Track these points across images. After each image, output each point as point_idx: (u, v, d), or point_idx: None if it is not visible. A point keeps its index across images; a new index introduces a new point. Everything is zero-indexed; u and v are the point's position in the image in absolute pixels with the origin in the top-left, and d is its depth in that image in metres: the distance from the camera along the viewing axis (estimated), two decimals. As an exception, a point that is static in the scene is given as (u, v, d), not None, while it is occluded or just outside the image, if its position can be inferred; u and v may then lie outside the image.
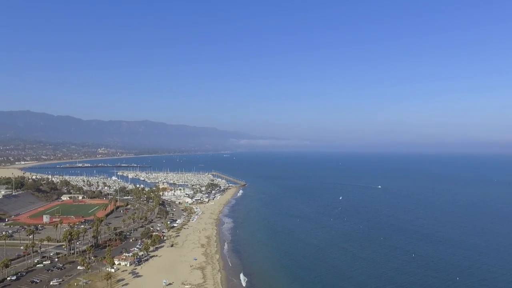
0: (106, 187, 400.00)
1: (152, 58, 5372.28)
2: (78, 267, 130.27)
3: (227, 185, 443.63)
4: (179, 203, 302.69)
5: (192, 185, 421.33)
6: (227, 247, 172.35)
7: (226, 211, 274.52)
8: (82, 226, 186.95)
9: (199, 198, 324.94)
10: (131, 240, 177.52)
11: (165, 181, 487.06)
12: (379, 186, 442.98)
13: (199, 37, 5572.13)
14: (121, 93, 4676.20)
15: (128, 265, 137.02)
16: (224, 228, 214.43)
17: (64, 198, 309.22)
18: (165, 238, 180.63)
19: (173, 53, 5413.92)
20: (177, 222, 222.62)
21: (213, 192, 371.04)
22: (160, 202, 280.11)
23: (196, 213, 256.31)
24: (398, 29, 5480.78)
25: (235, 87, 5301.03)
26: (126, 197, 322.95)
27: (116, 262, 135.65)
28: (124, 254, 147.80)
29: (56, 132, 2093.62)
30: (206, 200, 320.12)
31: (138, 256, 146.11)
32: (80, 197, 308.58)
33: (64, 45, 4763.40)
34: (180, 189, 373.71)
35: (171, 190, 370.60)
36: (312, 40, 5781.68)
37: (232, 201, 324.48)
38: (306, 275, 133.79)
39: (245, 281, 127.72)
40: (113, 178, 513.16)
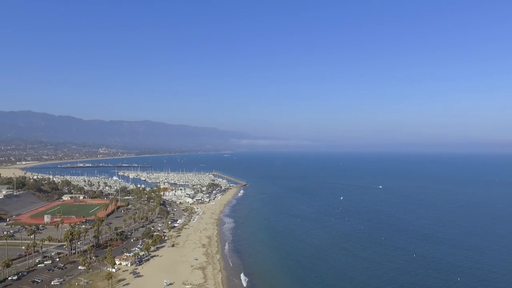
0: (107, 187, 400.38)
1: (153, 58, 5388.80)
2: (79, 267, 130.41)
3: (228, 185, 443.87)
4: (180, 203, 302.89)
5: (193, 185, 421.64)
6: (228, 247, 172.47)
7: (227, 211, 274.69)
8: (83, 226, 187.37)
9: (200, 198, 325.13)
10: (132, 240, 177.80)
11: (166, 181, 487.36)
12: (380, 186, 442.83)
13: (200, 37, 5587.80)
14: (122, 93, 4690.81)
15: (129, 265, 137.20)
16: (225, 228, 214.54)
17: (65, 198, 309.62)
18: (166, 238, 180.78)
19: (174, 53, 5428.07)
20: (178, 222, 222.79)
21: (214, 192, 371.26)
22: (161, 202, 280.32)
23: (197, 213, 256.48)
24: (398, 29, 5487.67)
25: (235, 87, 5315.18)
26: (127, 197, 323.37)
27: (117, 262, 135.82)
28: (125, 254, 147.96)
29: (57, 132, 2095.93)
30: (207, 200, 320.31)
31: (139, 256, 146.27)
32: (81, 197, 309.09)
33: (65, 45, 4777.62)
34: (181, 189, 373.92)
35: (172, 190, 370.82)
36: (312, 40, 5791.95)
37: (233, 201, 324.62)
38: (307, 275, 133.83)
39: (246, 281, 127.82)
40: (114, 178, 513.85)
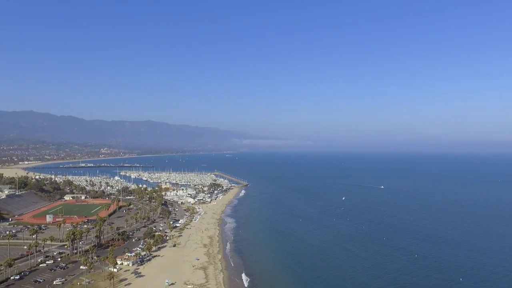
0: (108, 187, 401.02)
1: (154, 58, 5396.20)
2: (81, 267, 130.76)
3: (229, 185, 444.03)
4: (181, 203, 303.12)
5: (195, 185, 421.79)
6: (229, 247, 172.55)
7: (228, 211, 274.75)
8: (85, 226, 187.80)
9: (201, 198, 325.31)
10: (133, 240, 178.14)
11: (167, 181, 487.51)
12: (381, 186, 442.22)
13: (200, 37, 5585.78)
14: (123, 93, 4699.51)
15: (131, 265, 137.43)
16: (227, 228, 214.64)
17: (67, 198, 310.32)
18: (167, 238, 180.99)
19: (175, 53, 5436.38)
20: (179, 222, 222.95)
21: (215, 192, 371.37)
22: (163, 202, 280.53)
23: (199, 213, 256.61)
24: (398, 29, 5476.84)
25: (236, 87, 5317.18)
26: (128, 197, 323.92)
27: (119, 262, 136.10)
28: (126, 254, 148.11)
29: (59, 132, 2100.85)
30: (209, 200, 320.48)
31: (140, 256, 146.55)
32: (83, 197, 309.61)
33: (67, 46, 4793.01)
34: (182, 189, 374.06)
35: (173, 190, 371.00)
36: (312, 40, 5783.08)
37: (234, 201, 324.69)
38: (308, 275, 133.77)
39: (247, 281, 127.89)
40: (116, 178, 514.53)
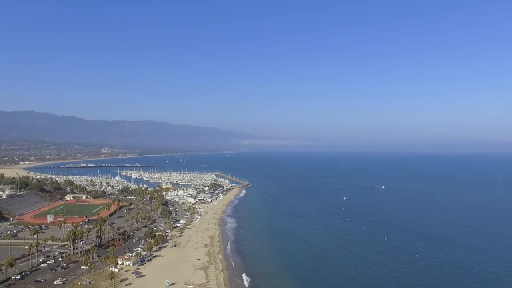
0: (109, 187, 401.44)
1: (155, 58, 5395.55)
2: (81, 267, 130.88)
3: (230, 185, 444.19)
4: (182, 203, 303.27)
5: (195, 185, 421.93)
6: (230, 247, 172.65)
7: (229, 211, 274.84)
8: (86, 226, 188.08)
9: (202, 198, 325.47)
10: (134, 240, 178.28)
11: (168, 181, 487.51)
12: (382, 187, 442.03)
13: (200, 37, 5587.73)
14: (124, 94, 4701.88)
15: (131, 265, 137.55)
16: (227, 228, 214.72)
17: (68, 198, 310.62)
18: (168, 238, 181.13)
19: (175, 53, 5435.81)
20: (180, 222, 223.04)
21: (216, 192, 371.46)
22: (163, 202, 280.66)
23: (199, 213, 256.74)
24: (398, 29, 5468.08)
25: (236, 87, 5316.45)
26: (129, 197, 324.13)
27: (120, 262, 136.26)
28: (127, 254, 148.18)
29: (60, 132, 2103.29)
30: (209, 200, 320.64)
31: (141, 256, 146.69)
32: (84, 197, 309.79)
33: (68, 46, 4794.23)
34: (183, 189, 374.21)
35: (174, 190, 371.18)
36: (312, 40, 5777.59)
37: (235, 201, 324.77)
38: (309, 276, 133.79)
39: (248, 281, 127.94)
40: (117, 178, 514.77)
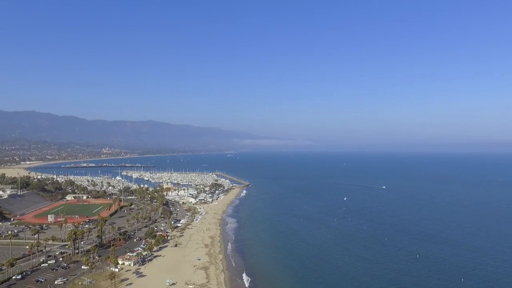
0: (110, 187, 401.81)
1: (155, 58, 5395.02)
2: (82, 267, 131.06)
3: (230, 185, 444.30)
4: (182, 203, 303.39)
5: (196, 185, 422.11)
6: (230, 247, 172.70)
7: (229, 211, 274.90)
8: (87, 226, 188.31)
9: (202, 198, 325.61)
10: (135, 240, 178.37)
11: (169, 181, 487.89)
12: (383, 187, 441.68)
13: (201, 38, 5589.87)
14: (125, 94, 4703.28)
15: (132, 264, 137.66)
16: (228, 228, 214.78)
17: (69, 198, 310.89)
18: (168, 238, 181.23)
19: (175, 53, 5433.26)
20: (181, 222, 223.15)
21: (216, 192, 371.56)
22: (164, 202, 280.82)
23: (200, 213, 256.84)
24: (398, 29, 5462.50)
25: (237, 87, 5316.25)
26: (130, 197, 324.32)
27: (120, 262, 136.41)
28: (128, 254, 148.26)
29: (61, 132, 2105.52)
30: (210, 200, 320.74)
31: (142, 256, 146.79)
32: (85, 197, 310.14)
33: (68, 46, 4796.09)
34: (184, 189, 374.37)
35: (175, 190, 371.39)
36: (312, 40, 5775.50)
37: (235, 201, 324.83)
38: (309, 276, 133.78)
39: (248, 281, 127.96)
40: (117, 178, 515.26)
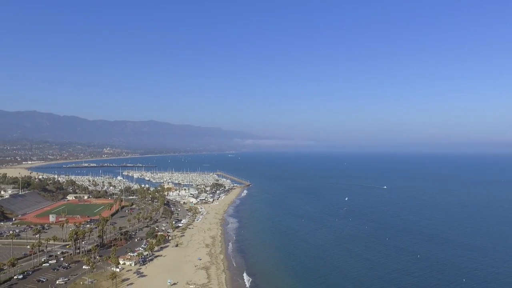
0: (111, 187, 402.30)
1: (155, 58, 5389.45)
2: (83, 267, 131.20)
3: (231, 185, 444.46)
4: (184, 203, 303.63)
5: (197, 185, 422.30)
6: (231, 247, 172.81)
7: (230, 211, 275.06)
8: (88, 226, 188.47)
9: (203, 198, 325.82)
10: (136, 240, 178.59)
11: (170, 181, 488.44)
12: (384, 187, 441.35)
13: (202, 38, 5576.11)
14: (126, 94, 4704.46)
15: (133, 264, 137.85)
16: (229, 228, 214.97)
17: (70, 197, 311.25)
18: (170, 238, 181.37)
19: (176, 53, 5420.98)
20: (182, 222, 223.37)
21: (217, 192, 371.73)
22: (165, 202, 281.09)
23: (201, 213, 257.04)
24: (398, 29, 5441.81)
25: (237, 87, 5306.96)
26: (131, 197, 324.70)
27: (121, 262, 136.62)
28: (129, 253, 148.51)
29: (62, 132, 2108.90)
30: (211, 200, 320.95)
31: (143, 256, 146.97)
32: (86, 197, 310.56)
33: (69, 46, 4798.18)
34: (185, 189, 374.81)
35: (176, 190, 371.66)
36: (312, 40, 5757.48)
37: (236, 201, 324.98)
38: (310, 276, 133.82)
39: (249, 281, 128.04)
40: (119, 178, 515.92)
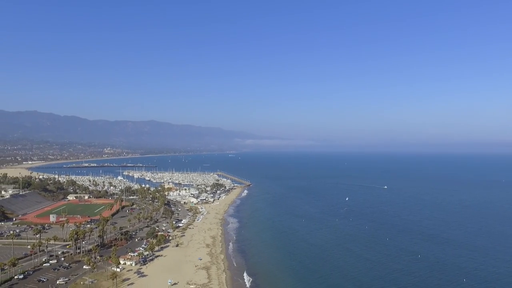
0: (112, 187, 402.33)
1: (156, 58, 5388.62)
2: (84, 267, 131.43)
3: (232, 185, 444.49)
4: (184, 203, 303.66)
5: (197, 185, 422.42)
6: (232, 247, 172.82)
7: (231, 211, 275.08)
8: (88, 226, 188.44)
9: (204, 198, 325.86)
10: (136, 239, 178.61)
11: (170, 181, 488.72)
12: (385, 187, 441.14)
13: (202, 38, 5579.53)
14: (127, 94, 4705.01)
15: (134, 264, 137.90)
16: (229, 228, 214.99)
17: (70, 197, 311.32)
18: (170, 238, 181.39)
19: (176, 53, 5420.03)
20: (182, 222, 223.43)
21: (218, 192, 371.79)
22: (166, 202, 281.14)
23: (201, 213, 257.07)
24: (398, 29, 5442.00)
25: (237, 87, 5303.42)
26: (131, 197, 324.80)
27: (122, 262, 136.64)
28: (129, 253, 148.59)
29: (63, 132, 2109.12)
30: (211, 200, 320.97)
31: (143, 256, 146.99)
32: (86, 197, 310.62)
33: (70, 46, 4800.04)
34: (185, 189, 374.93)
35: (176, 190, 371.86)
36: (312, 40, 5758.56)
37: (237, 201, 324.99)
38: (310, 276, 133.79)
39: (250, 281, 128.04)
40: (119, 178, 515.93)
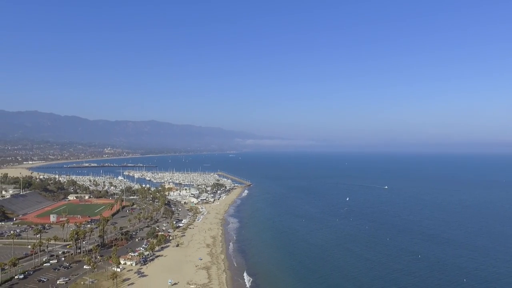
0: (112, 187, 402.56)
1: (156, 58, 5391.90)
2: (84, 266, 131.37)
3: (232, 185, 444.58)
4: (184, 203, 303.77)
5: (198, 185, 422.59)
6: (232, 247, 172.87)
7: (231, 211, 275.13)
8: (89, 226, 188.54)
9: (204, 198, 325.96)
10: (137, 239, 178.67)
11: (170, 181, 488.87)
12: (385, 187, 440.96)
13: (202, 38, 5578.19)
14: (127, 94, 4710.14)
15: (134, 264, 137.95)
16: (230, 228, 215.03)
17: (71, 197, 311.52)
18: (170, 238, 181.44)
19: (176, 54, 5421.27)
20: (182, 222, 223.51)
21: (218, 192, 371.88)
22: (166, 202, 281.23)
23: (202, 213, 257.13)
24: (398, 29, 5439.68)
25: (238, 87, 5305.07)
26: (132, 197, 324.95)
27: (122, 262, 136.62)
28: (130, 253, 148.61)
29: (63, 132, 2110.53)
30: (212, 200, 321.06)
31: (143, 256, 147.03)
32: (87, 197, 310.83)
33: (70, 46, 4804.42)
34: (185, 189, 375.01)
35: (176, 190, 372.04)
36: (312, 40, 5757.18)
37: (237, 201, 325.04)
38: (311, 276, 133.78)
39: (250, 281, 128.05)
40: (119, 178, 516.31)
